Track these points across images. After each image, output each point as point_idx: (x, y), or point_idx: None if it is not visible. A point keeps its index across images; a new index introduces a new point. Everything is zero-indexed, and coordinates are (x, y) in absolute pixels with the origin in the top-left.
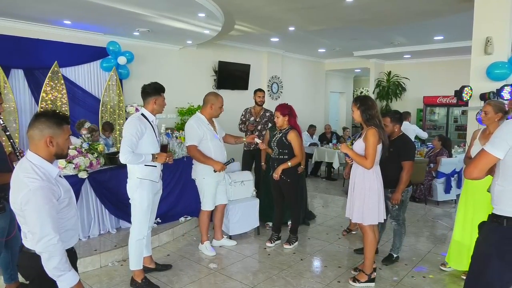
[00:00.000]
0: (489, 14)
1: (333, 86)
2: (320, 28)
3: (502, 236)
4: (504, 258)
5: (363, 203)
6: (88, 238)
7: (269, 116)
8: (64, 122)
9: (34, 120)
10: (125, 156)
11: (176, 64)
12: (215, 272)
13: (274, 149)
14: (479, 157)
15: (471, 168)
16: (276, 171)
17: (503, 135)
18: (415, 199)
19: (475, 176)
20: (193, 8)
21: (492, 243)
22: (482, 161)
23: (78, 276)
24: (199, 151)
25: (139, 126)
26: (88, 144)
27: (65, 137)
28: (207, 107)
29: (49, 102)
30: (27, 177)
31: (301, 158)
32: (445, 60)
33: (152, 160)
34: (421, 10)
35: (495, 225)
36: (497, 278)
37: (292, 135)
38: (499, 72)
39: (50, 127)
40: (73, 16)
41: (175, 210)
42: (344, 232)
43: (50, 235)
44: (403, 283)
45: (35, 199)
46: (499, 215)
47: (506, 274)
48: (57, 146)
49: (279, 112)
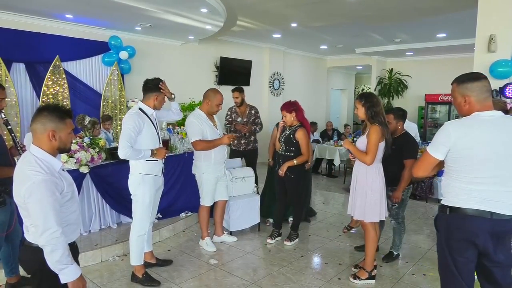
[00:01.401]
0: (493, 12)
1: (335, 83)
2: (322, 24)
3: (447, 223)
4: (450, 245)
5: (365, 200)
6: (89, 232)
7: (255, 112)
8: (66, 116)
9: (37, 114)
10: (124, 151)
11: (177, 59)
12: (216, 268)
13: (281, 145)
14: (422, 158)
15: (416, 168)
16: (282, 167)
17: (441, 138)
18: (415, 197)
19: (420, 175)
20: (196, 3)
21: (441, 232)
22: (424, 162)
23: (80, 270)
24: (204, 141)
25: (137, 121)
26: (90, 138)
27: (67, 131)
28: (204, 103)
29: (50, 97)
30: (30, 170)
31: (307, 156)
32: (447, 57)
33: (151, 156)
34: (424, 6)
35: (441, 214)
36: (451, 262)
37: (300, 133)
38: (502, 70)
39: (52, 121)
40: (75, 10)
41: (176, 205)
42: (345, 230)
43: (53, 228)
44: (403, 280)
45: (38, 191)
46: (444, 205)
47: (458, 259)
48: (59, 140)
49: (284, 111)
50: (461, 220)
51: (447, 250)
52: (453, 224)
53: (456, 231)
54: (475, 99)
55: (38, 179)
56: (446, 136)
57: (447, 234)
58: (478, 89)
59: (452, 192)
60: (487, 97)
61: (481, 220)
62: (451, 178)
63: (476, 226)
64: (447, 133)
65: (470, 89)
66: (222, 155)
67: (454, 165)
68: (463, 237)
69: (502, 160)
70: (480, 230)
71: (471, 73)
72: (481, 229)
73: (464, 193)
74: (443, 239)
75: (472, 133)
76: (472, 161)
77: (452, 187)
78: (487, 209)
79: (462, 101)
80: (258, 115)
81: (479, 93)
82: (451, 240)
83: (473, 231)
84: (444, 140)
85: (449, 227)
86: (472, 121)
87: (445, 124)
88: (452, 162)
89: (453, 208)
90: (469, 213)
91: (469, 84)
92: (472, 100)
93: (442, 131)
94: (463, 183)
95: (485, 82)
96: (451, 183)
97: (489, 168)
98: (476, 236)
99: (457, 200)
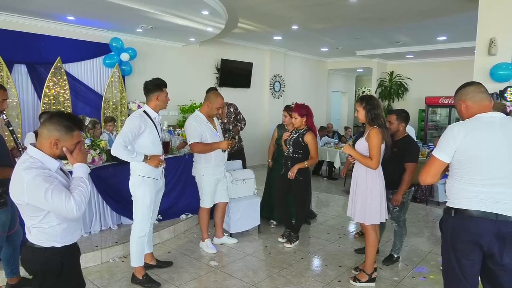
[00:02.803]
0: (493, 15)
1: (335, 86)
2: (323, 26)
3: (452, 225)
4: (455, 247)
5: (365, 203)
6: (90, 234)
7: (234, 110)
8: (75, 128)
9: (47, 118)
10: (116, 148)
11: (178, 61)
12: (216, 270)
13: (289, 148)
14: (429, 163)
15: (424, 175)
16: (292, 169)
17: (447, 140)
18: (416, 200)
19: (429, 182)
20: (197, 5)
21: (446, 234)
22: (432, 167)
23: None
24: (201, 144)
25: (138, 123)
26: (91, 140)
27: (73, 142)
28: (205, 104)
29: (51, 98)
30: (23, 169)
31: (316, 160)
32: (448, 60)
33: (143, 161)
34: (425, 9)
35: (446, 216)
36: (456, 265)
37: (309, 137)
38: (503, 73)
39: (58, 130)
40: (76, 11)
41: (176, 207)
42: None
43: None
44: (403, 283)
45: (35, 184)
46: (449, 207)
47: (463, 261)
48: (61, 150)
49: (296, 113)
50: (466, 222)
51: (452, 252)
52: (458, 226)
53: (461, 233)
54: (471, 101)
55: (32, 175)
56: (452, 137)
57: (452, 236)
58: (471, 91)
59: (457, 194)
60: (482, 98)
61: (486, 221)
62: (455, 180)
63: (481, 227)
64: (452, 134)
65: (465, 94)
66: (222, 157)
67: (459, 167)
68: (468, 239)
69: (506, 162)
70: (485, 231)
71: (465, 82)
72: (486, 230)
73: (468, 195)
74: (448, 241)
75: (477, 134)
76: (476, 162)
77: (457, 189)
78: (492, 211)
79: (461, 106)
80: (238, 111)
81: (473, 95)
82: (456, 242)
83: (478, 232)
84: (450, 140)
85: (454, 229)
86: (475, 123)
87: (449, 126)
88: (457, 164)
89: (458, 210)
90: (474, 215)
91: (463, 90)
92: (469, 103)
93: (447, 133)
94: (467, 185)
95: (478, 85)
96: (456, 185)
97: (493, 169)
98: (481, 237)
99: (462, 202)
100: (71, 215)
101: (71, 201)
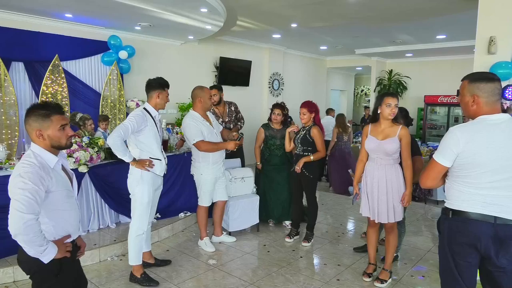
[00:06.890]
0: (493, 13)
1: (335, 84)
2: (322, 25)
3: (449, 227)
4: (452, 248)
5: (395, 202)
6: (88, 232)
7: (235, 108)
8: (52, 113)
9: (26, 114)
10: (114, 139)
11: (177, 59)
12: (214, 268)
13: (298, 146)
14: (429, 167)
15: (424, 178)
16: (298, 163)
17: (449, 144)
18: (414, 198)
19: (429, 185)
20: (196, 3)
21: (443, 235)
22: (432, 171)
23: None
24: (208, 142)
25: (140, 120)
26: (89, 138)
27: (55, 127)
28: (196, 102)
29: (49, 96)
30: (21, 163)
31: (324, 153)
32: (447, 59)
33: (130, 162)
34: (424, 7)
35: (444, 217)
36: (453, 266)
37: (315, 131)
38: (503, 72)
39: (36, 121)
40: (74, 9)
41: (175, 205)
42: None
43: (27, 216)
44: (402, 282)
45: (18, 179)
46: (447, 208)
47: (460, 263)
48: (49, 138)
49: (306, 109)
50: (464, 223)
51: (449, 253)
52: (455, 227)
53: (458, 235)
54: (485, 101)
55: (24, 170)
56: (454, 142)
57: (450, 237)
58: (490, 90)
59: (455, 195)
60: (496, 100)
61: (484, 224)
62: (455, 182)
63: (479, 230)
64: (455, 138)
65: (482, 90)
66: (220, 155)
67: (460, 170)
68: (465, 241)
69: (506, 165)
70: (482, 234)
71: (485, 72)
72: (484, 233)
73: (467, 197)
74: (445, 242)
75: (480, 138)
76: (478, 167)
77: (456, 191)
78: (490, 214)
79: (470, 100)
80: (238, 110)
81: (489, 95)
82: (453, 243)
83: (475, 235)
84: (452, 145)
85: (451, 230)
86: (478, 126)
87: (451, 129)
88: (458, 168)
89: (456, 211)
90: (472, 217)
91: (481, 84)
92: (481, 101)
93: (449, 137)
94: (467, 187)
95: (498, 84)
96: (455, 186)
97: (493, 173)
98: (478, 240)
99: (461, 203)
100: (9, 224)
101: (21, 218)
